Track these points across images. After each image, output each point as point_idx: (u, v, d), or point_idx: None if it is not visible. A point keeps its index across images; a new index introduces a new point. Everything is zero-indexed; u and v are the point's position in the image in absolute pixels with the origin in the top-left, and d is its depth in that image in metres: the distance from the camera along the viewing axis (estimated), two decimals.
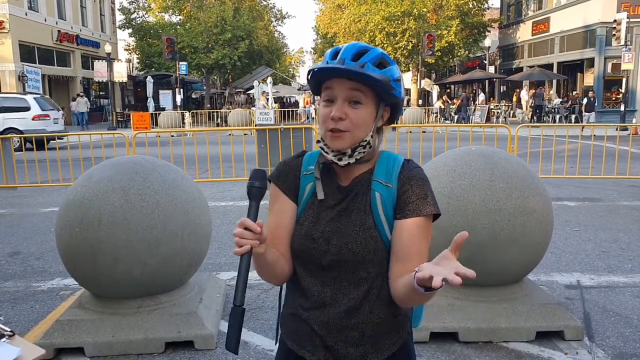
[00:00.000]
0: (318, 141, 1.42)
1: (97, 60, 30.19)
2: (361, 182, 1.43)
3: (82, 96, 27.41)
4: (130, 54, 40.10)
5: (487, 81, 30.61)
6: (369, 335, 1.40)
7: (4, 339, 1.59)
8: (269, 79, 30.14)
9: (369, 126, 1.37)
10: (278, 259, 1.40)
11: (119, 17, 37.09)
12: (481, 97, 27.73)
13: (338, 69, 1.31)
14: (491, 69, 30.87)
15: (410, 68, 32.40)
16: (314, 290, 1.42)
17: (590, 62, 24.91)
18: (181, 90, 30.07)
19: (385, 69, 1.35)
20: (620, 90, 22.23)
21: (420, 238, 1.36)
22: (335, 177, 1.45)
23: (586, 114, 21.11)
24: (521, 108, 27.40)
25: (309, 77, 1.38)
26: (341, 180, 1.45)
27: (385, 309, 1.41)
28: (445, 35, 28.52)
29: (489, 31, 31.69)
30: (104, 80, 29.93)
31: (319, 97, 1.42)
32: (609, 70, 24.06)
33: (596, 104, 21.86)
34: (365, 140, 1.37)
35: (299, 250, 1.43)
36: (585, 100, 21.67)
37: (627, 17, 20.55)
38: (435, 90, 33.16)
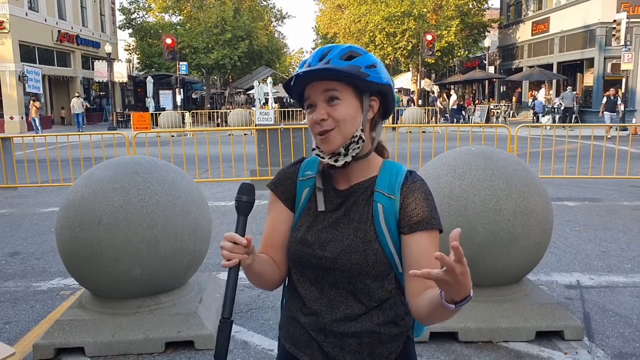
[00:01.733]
0: (313, 149, 1.40)
1: (97, 61, 30.18)
2: (361, 189, 1.40)
3: (77, 97, 26.58)
4: (130, 54, 40.08)
5: (486, 81, 30.59)
6: (367, 343, 1.38)
7: None
8: (269, 79, 30.14)
9: (356, 120, 1.34)
10: (266, 268, 1.39)
11: (119, 17, 37.15)
12: (453, 98, 27.41)
13: (305, 72, 1.31)
14: (491, 69, 30.84)
15: (410, 68, 32.40)
16: (311, 296, 1.41)
17: (590, 62, 24.89)
18: (181, 90, 30.01)
19: (355, 59, 1.33)
20: (620, 90, 22.21)
21: (430, 251, 1.32)
22: (332, 180, 1.43)
23: (607, 113, 18.86)
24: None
25: (290, 94, 1.40)
26: (338, 184, 1.42)
27: (385, 319, 1.39)
28: (445, 36, 28.49)
29: (489, 31, 31.68)
30: (104, 81, 29.89)
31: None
32: (608, 70, 24.02)
33: (619, 102, 19.32)
34: (356, 135, 1.34)
35: (294, 255, 1.42)
36: (605, 99, 19.42)
37: (627, 17, 20.54)
38: (435, 91, 33.11)
